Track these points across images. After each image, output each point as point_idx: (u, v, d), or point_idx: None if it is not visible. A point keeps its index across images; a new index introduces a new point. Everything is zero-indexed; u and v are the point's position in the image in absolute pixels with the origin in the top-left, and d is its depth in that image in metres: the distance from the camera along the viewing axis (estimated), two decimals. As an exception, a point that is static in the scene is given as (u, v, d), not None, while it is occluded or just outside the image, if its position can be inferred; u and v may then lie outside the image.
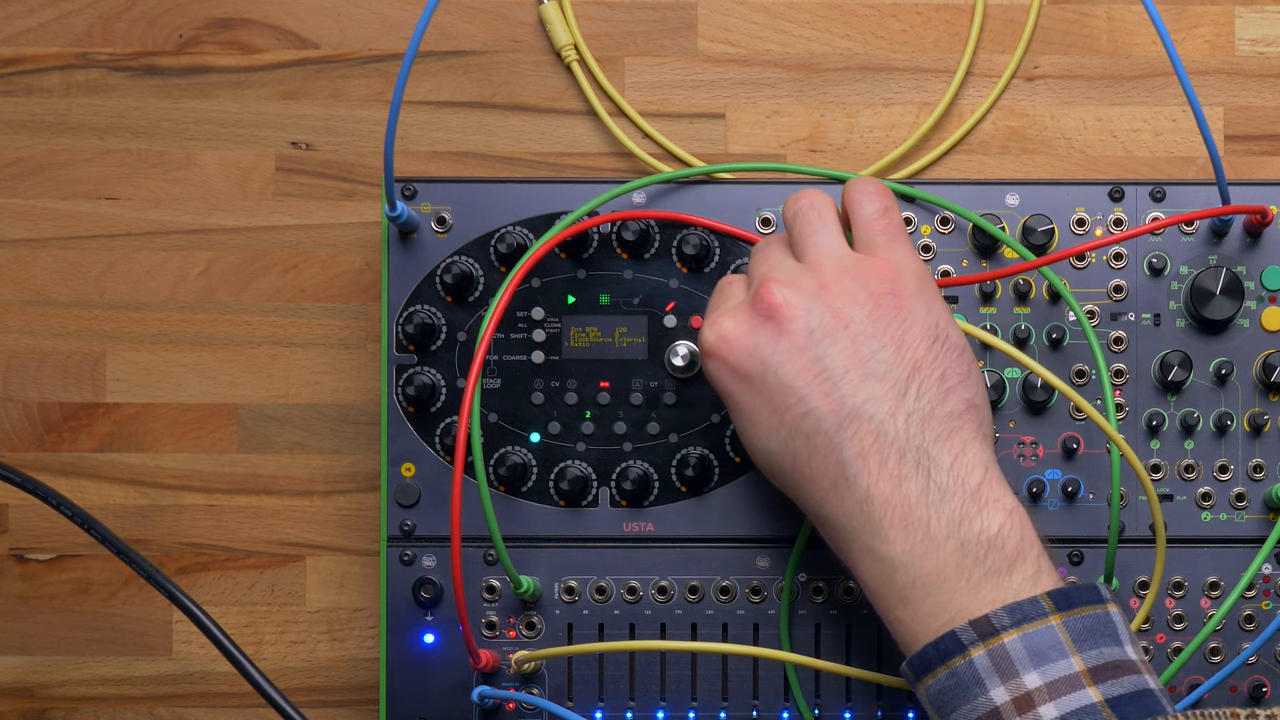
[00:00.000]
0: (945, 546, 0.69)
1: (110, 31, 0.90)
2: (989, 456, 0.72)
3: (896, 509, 0.69)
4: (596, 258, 0.84)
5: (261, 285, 0.89)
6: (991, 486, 0.70)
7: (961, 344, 0.73)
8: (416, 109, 0.90)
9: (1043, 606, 0.67)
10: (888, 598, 0.70)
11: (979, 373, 0.74)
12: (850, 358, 0.71)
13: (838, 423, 0.71)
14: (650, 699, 0.83)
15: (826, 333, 0.72)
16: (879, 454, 0.70)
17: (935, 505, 0.69)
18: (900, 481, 0.70)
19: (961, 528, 0.69)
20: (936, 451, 0.70)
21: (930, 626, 0.68)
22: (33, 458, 0.89)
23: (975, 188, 0.84)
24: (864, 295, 0.72)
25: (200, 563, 0.89)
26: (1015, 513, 0.70)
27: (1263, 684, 0.83)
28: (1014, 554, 0.69)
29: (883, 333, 0.72)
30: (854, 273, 0.73)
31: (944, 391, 0.72)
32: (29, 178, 0.90)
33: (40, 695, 0.89)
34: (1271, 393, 0.83)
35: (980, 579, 0.68)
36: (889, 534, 0.69)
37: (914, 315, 0.73)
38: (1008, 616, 0.67)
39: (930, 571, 0.68)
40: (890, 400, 0.71)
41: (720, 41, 0.90)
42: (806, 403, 0.71)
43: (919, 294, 0.73)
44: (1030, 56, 0.90)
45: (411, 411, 0.84)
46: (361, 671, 0.89)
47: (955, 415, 0.72)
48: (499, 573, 0.83)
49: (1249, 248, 0.84)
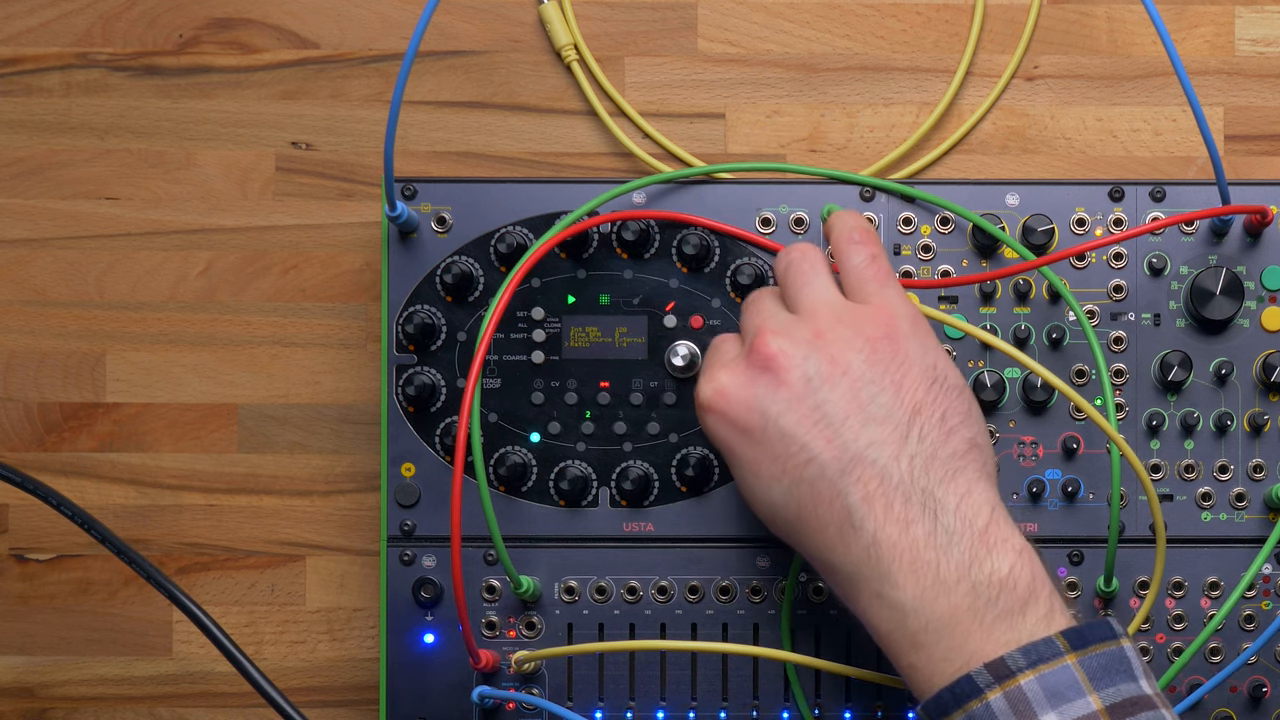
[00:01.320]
0: (956, 590, 0.68)
1: (110, 31, 0.90)
2: (994, 496, 0.71)
3: (905, 553, 0.69)
4: (596, 258, 0.84)
5: (261, 285, 0.89)
6: (999, 526, 0.70)
7: (960, 383, 0.73)
8: (416, 109, 0.90)
9: (1058, 646, 0.67)
10: (900, 643, 0.69)
11: (979, 411, 0.74)
12: (850, 403, 0.71)
13: (841, 469, 0.70)
14: (650, 699, 0.83)
15: (825, 380, 0.71)
16: (884, 498, 0.70)
17: (944, 548, 0.69)
18: (907, 525, 0.69)
19: (972, 570, 0.68)
20: (942, 493, 0.70)
21: (945, 671, 0.68)
22: (33, 458, 0.89)
23: (975, 188, 0.84)
24: (860, 341, 0.72)
25: (200, 563, 0.89)
26: (1025, 552, 0.69)
27: (1262, 684, 0.83)
28: (1026, 594, 0.68)
29: (881, 377, 0.72)
30: (848, 319, 0.73)
31: (946, 432, 0.71)
32: (29, 178, 0.90)
33: (40, 695, 0.89)
34: (1271, 393, 0.83)
35: (994, 621, 0.68)
36: (898, 579, 0.69)
37: (911, 358, 0.72)
38: (1023, 658, 0.66)
39: (942, 615, 0.68)
40: (893, 443, 0.70)
41: (720, 41, 0.90)
42: (809, 450, 0.71)
43: (914, 337, 0.73)
44: (1030, 56, 0.90)
45: (411, 411, 0.84)
46: (361, 671, 0.89)
47: (959, 455, 0.71)
48: (499, 573, 0.83)
49: (1249, 248, 0.84)
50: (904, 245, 0.84)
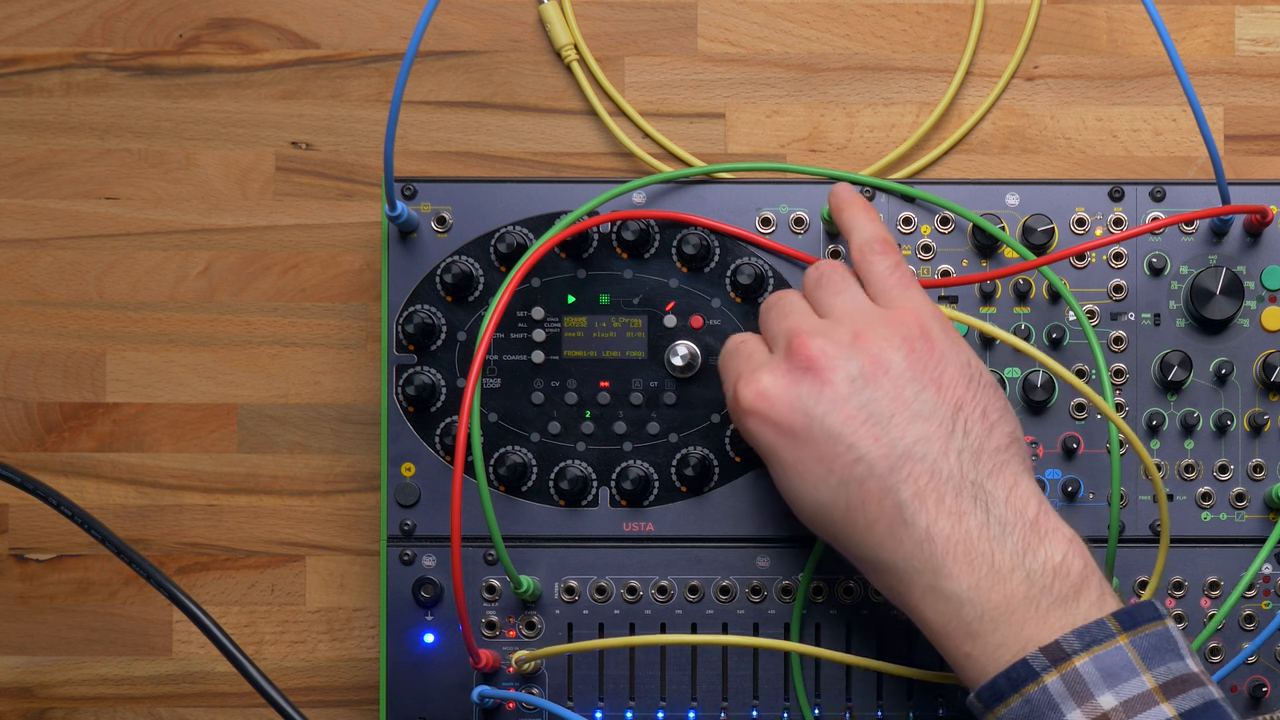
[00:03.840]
0: (1011, 578, 0.69)
1: (110, 31, 0.90)
2: (1037, 488, 0.73)
3: (959, 545, 0.70)
4: (596, 258, 0.84)
5: (261, 285, 0.89)
6: (1048, 516, 0.71)
7: (994, 380, 0.75)
8: (416, 109, 0.90)
9: (1109, 628, 0.68)
10: (955, 634, 0.70)
11: (1012, 408, 0.75)
12: (894, 401, 0.72)
13: (890, 466, 0.71)
14: (650, 699, 0.83)
15: (868, 379, 0.72)
16: (935, 492, 0.70)
17: (997, 539, 0.70)
18: (960, 518, 0.70)
19: (1026, 558, 0.70)
20: (991, 485, 0.71)
21: (1000, 658, 0.69)
22: (33, 458, 0.89)
23: (975, 188, 0.84)
24: (898, 340, 0.73)
25: (200, 563, 0.89)
26: (1074, 540, 0.71)
27: (1263, 684, 0.83)
28: (1079, 580, 0.70)
29: (921, 374, 0.73)
30: (884, 321, 0.74)
31: (988, 427, 0.73)
32: (29, 178, 0.90)
33: (40, 695, 0.89)
34: (1271, 393, 0.83)
35: (1049, 607, 0.69)
36: (953, 570, 0.69)
37: (947, 356, 0.73)
38: (1077, 640, 0.68)
39: (998, 604, 0.69)
40: (940, 439, 0.71)
41: (720, 41, 0.90)
42: (856, 449, 0.71)
43: (946, 336, 0.74)
44: (1030, 56, 0.90)
45: (411, 411, 0.84)
46: (361, 671, 0.89)
47: (1002, 449, 0.72)
48: (499, 573, 0.83)
49: (1249, 248, 0.84)
50: (904, 245, 0.84)
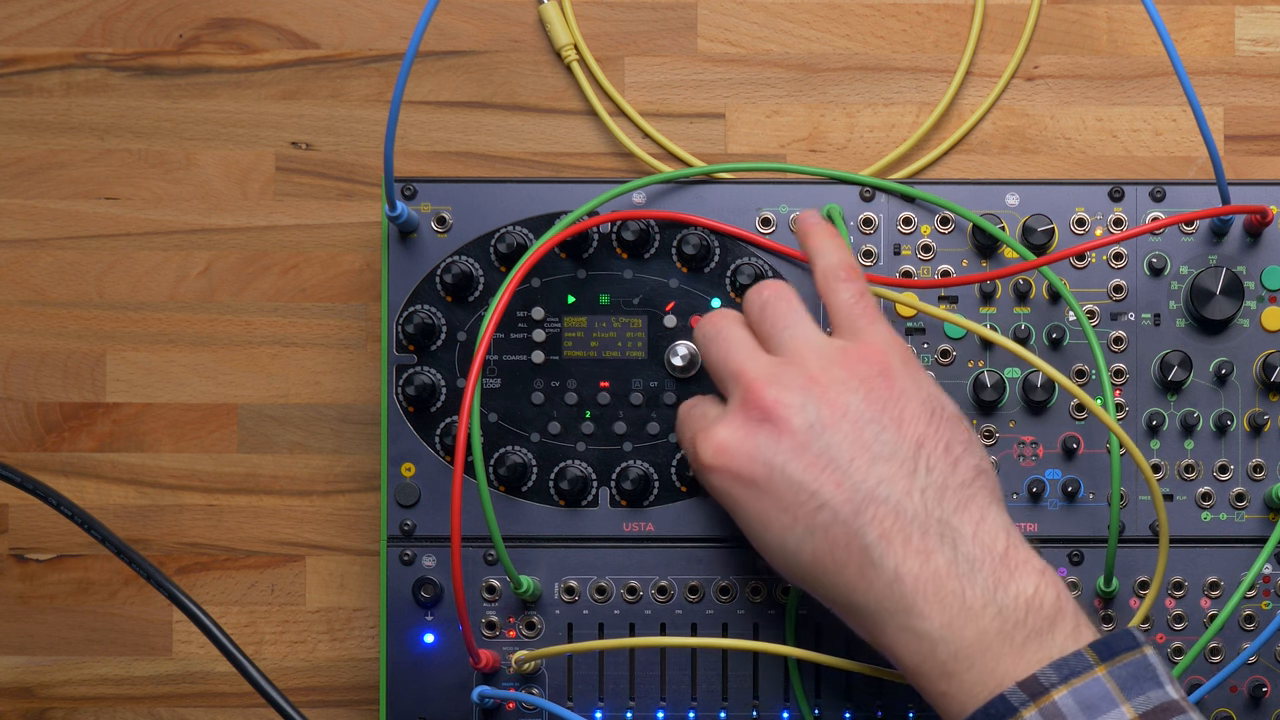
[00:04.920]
0: (984, 615, 0.69)
1: (110, 31, 0.90)
2: (1007, 520, 0.72)
3: (928, 584, 0.69)
4: (596, 258, 0.84)
5: (261, 285, 0.89)
6: (1018, 549, 0.71)
7: (957, 412, 0.74)
8: (416, 109, 0.90)
9: (1087, 659, 0.67)
10: (930, 674, 0.69)
11: (978, 438, 0.74)
12: (854, 444, 0.71)
13: (854, 510, 0.70)
14: (650, 699, 0.83)
15: (826, 424, 0.71)
16: (902, 533, 0.70)
17: (966, 575, 0.69)
18: (927, 557, 0.69)
19: (997, 594, 0.69)
20: (958, 521, 0.70)
21: (978, 695, 0.68)
22: (33, 458, 0.89)
23: (975, 188, 0.84)
24: (855, 381, 0.72)
25: (200, 563, 0.89)
26: (1046, 572, 0.70)
27: (1263, 684, 0.83)
28: (1053, 612, 0.69)
29: (881, 415, 0.72)
30: (840, 360, 0.73)
31: (952, 462, 0.72)
32: (29, 178, 0.90)
33: (40, 695, 0.89)
34: (1271, 393, 0.83)
35: (1023, 641, 0.68)
36: (924, 610, 0.69)
37: (907, 393, 0.73)
38: (1055, 673, 0.67)
39: (972, 641, 0.68)
40: (903, 479, 0.71)
41: (720, 41, 0.90)
42: (819, 496, 0.71)
43: (906, 371, 0.74)
44: (1030, 56, 0.90)
45: (411, 411, 0.84)
46: (361, 671, 0.89)
47: (967, 484, 0.72)
48: (499, 573, 0.83)
49: (1249, 248, 0.84)
50: (904, 245, 0.84)
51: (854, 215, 0.84)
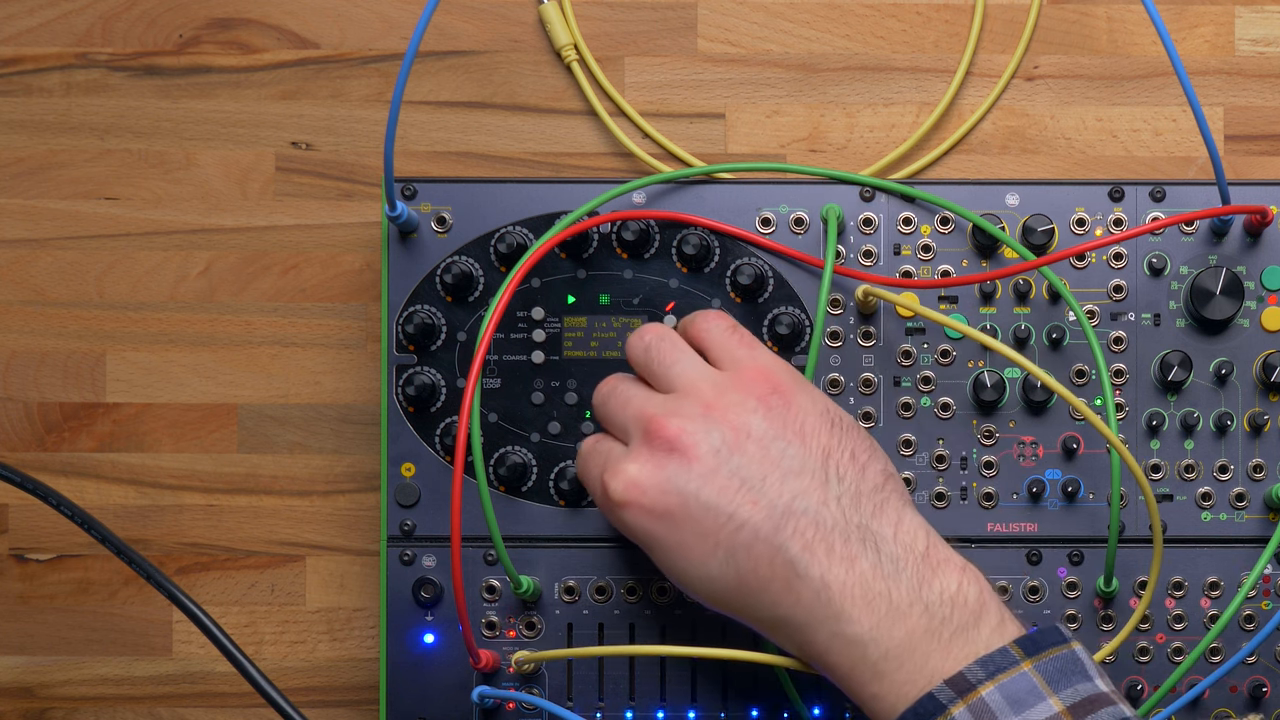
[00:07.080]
0: (911, 613, 0.70)
1: (110, 31, 0.90)
2: (922, 520, 0.73)
3: (855, 588, 0.70)
4: (596, 258, 0.84)
5: (261, 285, 0.89)
6: (938, 548, 0.72)
7: (854, 422, 0.76)
8: (416, 109, 0.90)
9: (1013, 655, 0.68)
10: (861, 676, 0.70)
11: (878, 444, 0.76)
12: (763, 462, 0.72)
13: (774, 526, 0.71)
14: (650, 699, 0.83)
15: (732, 447, 0.72)
16: (824, 542, 0.71)
17: (891, 576, 0.70)
18: (852, 562, 0.70)
19: (923, 591, 0.70)
20: (876, 525, 0.72)
21: (907, 694, 0.69)
22: (33, 458, 0.89)
23: (975, 188, 0.84)
24: (752, 402, 0.73)
25: (200, 563, 0.89)
26: (967, 568, 0.72)
27: (1262, 684, 0.83)
28: (977, 607, 0.70)
29: (784, 430, 0.73)
30: (732, 385, 0.74)
31: (860, 468, 0.73)
32: (29, 178, 0.90)
33: (40, 695, 0.89)
34: (1271, 393, 0.83)
35: (950, 638, 0.69)
36: (854, 614, 0.70)
37: (804, 407, 0.74)
38: (981, 670, 0.68)
39: (901, 640, 0.69)
40: (816, 490, 0.72)
41: (720, 41, 0.90)
42: (737, 517, 0.71)
43: (799, 387, 0.75)
44: (1030, 56, 0.90)
45: (411, 411, 0.84)
46: (361, 671, 0.89)
47: (879, 488, 0.73)
48: (499, 573, 0.83)
49: (1249, 248, 0.84)
50: (904, 245, 0.84)
51: (854, 215, 0.84)
